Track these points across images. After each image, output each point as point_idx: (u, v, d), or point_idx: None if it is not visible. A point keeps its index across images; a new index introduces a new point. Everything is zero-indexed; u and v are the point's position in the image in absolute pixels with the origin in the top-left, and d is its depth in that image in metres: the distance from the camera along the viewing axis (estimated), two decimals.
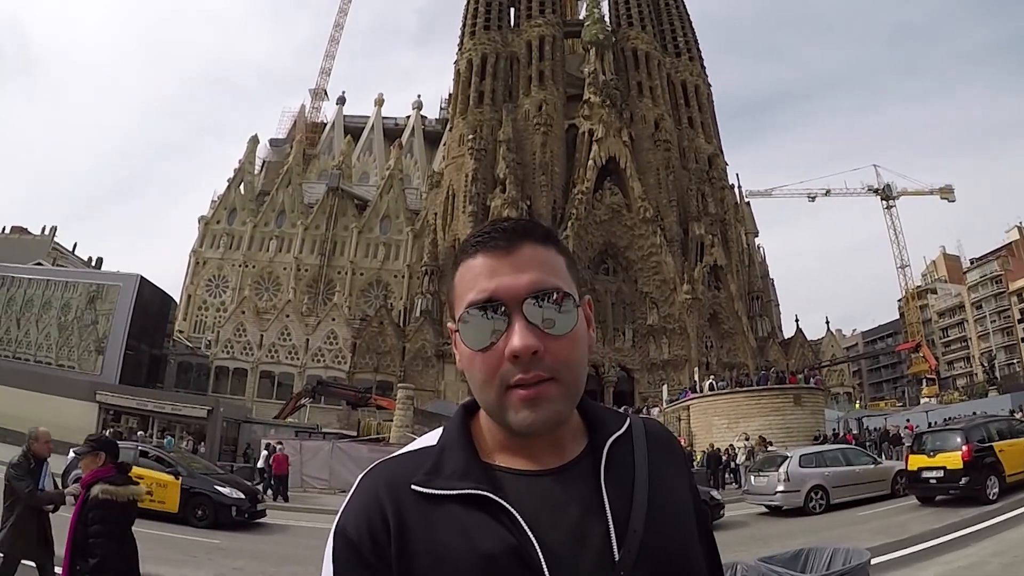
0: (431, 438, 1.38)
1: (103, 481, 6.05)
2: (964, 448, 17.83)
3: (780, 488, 20.52)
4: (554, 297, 1.25)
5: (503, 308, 1.24)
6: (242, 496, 18.26)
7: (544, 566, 1.17)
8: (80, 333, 55.64)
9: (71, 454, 19.74)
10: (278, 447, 29.29)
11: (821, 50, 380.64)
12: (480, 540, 1.18)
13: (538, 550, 1.18)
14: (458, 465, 1.27)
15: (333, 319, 76.14)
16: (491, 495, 1.21)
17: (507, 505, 1.21)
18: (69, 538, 5.91)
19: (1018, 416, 26.09)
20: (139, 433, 37.66)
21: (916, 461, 19.37)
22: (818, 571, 5.91)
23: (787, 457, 21.60)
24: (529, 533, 1.19)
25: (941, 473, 18.04)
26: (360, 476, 1.32)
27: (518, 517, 1.20)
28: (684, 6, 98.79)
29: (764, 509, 21.51)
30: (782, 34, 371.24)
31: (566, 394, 1.26)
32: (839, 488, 20.69)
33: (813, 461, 21.39)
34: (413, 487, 1.24)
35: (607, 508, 1.26)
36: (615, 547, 1.22)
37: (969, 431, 18.94)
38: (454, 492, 1.22)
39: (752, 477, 23.05)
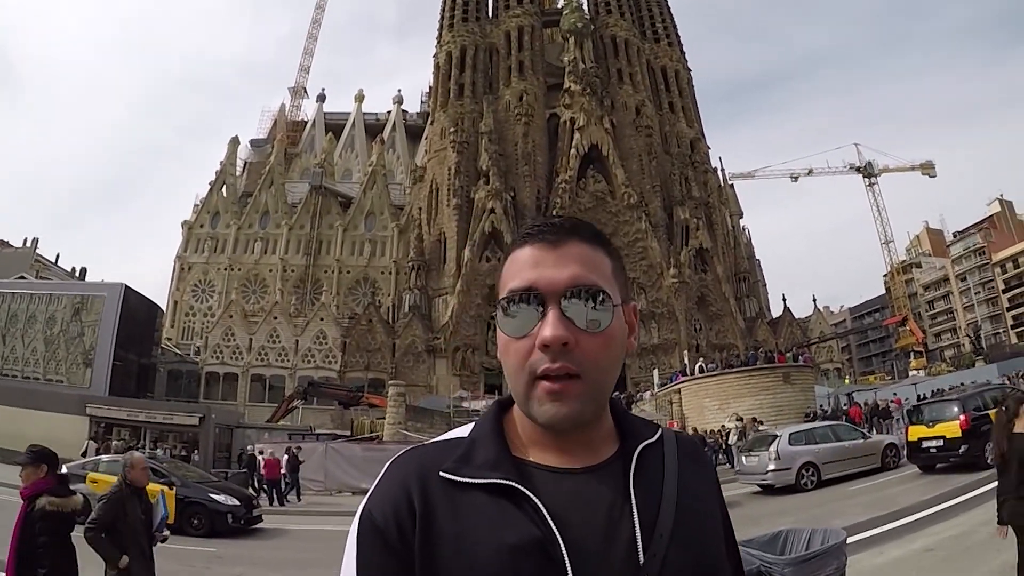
0: (462, 430, 1.40)
1: (47, 493, 6.05)
2: (962, 417, 18.44)
3: (771, 467, 20.86)
4: (592, 294, 1.27)
5: (541, 298, 1.26)
6: (237, 503, 18.16)
7: (567, 561, 1.17)
8: (67, 346, 55.24)
9: (63, 470, 19.69)
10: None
11: (802, 30, 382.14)
12: (505, 530, 1.18)
13: (562, 545, 1.18)
14: (489, 456, 1.28)
15: (322, 319, 76.06)
16: (518, 486, 1.23)
17: (534, 497, 1.22)
18: (13, 549, 5.91)
19: (1009, 384, 26.47)
20: (142, 445, 37.53)
21: (916, 432, 20.07)
22: (796, 552, 6.04)
23: (777, 436, 22.05)
24: (554, 527, 1.19)
25: (941, 442, 18.68)
26: (389, 462, 1.33)
27: (544, 511, 1.21)
28: None
29: (757, 488, 21.82)
30: (763, 15, 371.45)
31: (590, 393, 1.27)
32: (829, 464, 21.09)
33: (803, 439, 21.74)
34: (442, 474, 1.25)
35: (635, 510, 1.27)
36: (640, 550, 1.23)
37: (966, 400, 19.59)
38: (482, 481, 1.23)
39: (744, 457, 23.33)
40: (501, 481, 1.23)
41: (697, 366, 49.51)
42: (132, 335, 58.19)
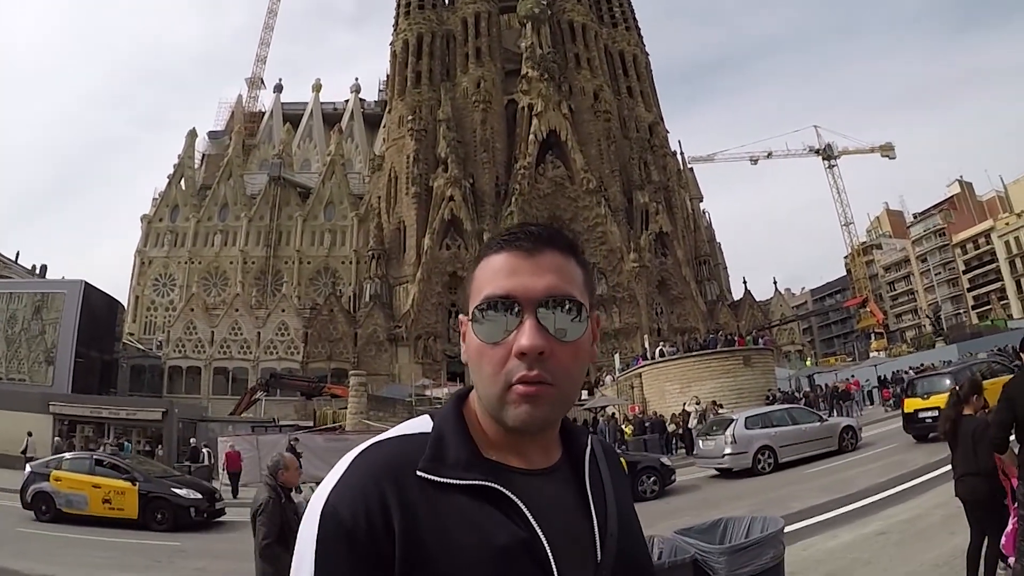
0: (420, 424, 1.40)
1: None
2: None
3: (728, 451, 21.22)
4: (567, 305, 1.30)
5: (518, 307, 1.27)
6: (200, 496, 18.33)
7: (552, 561, 1.21)
8: (28, 344, 54.89)
9: (28, 468, 19.87)
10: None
11: (759, 12, 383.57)
12: (493, 532, 1.19)
13: (546, 545, 1.22)
14: (461, 455, 1.28)
15: (283, 310, 75.96)
16: (502, 488, 1.24)
17: (516, 500, 1.24)
18: None
19: (997, 359, 27.58)
20: (106, 443, 37.45)
21: (912, 404, 21.31)
22: (736, 540, 6.21)
23: (733, 420, 22.35)
24: (537, 528, 1.22)
25: (936, 413, 19.22)
26: (351, 457, 1.29)
27: (527, 512, 1.24)
28: None
29: (715, 472, 22.24)
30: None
31: (561, 400, 1.30)
32: (786, 447, 21.45)
33: (759, 422, 22.13)
34: (419, 473, 1.24)
35: (593, 512, 1.35)
36: (599, 548, 1.31)
37: (957, 374, 20.63)
38: (463, 482, 1.24)
39: (701, 441, 23.76)
40: (484, 483, 1.25)
41: (658, 350, 49.77)
42: (93, 332, 57.91)
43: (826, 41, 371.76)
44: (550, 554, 1.21)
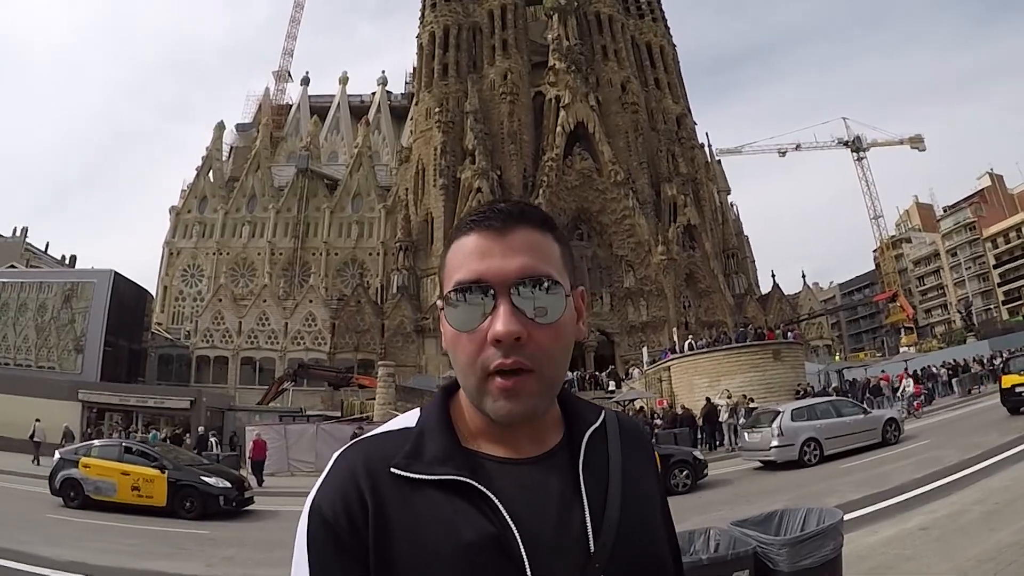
0: (410, 418, 1.38)
1: None
2: None
3: (775, 443, 21.15)
4: (543, 285, 1.24)
5: (490, 291, 1.22)
6: (229, 485, 18.29)
7: (524, 555, 1.16)
8: (58, 333, 55.39)
9: (57, 455, 19.90)
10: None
11: (788, 2, 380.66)
12: (461, 528, 1.17)
13: (519, 539, 1.17)
14: (439, 449, 1.25)
15: (310, 301, 76.01)
16: (472, 482, 1.21)
17: (488, 493, 1.20)
18: None
19: None
20: (134, 429, 37.66)
21: (1009, 380, 23.28)
22: (792, 532, 6.09)
23: (779, 412, 22.23)
24: (510, 522, 1.18)
25: None
26: (336, 454, 1.29)
27: (499, 505, 1.20)
28: None
29: (759, 464, 22.27)
30: None
31: (544, 388, 1.25)
32: (831, 439, 21.35)
33: (804, 414, 21.99)
34: (392, 470, 1.22)
35: (584, 499, 1.27)
36: (591, 538, 1.23)
37: None
38: (434, 477, 1.21)
39: (746, 433, 23.59)
40: (454, 477, 1.21)
41: (687, 343, 49.49)
42: (122, 321, 58.33)
43: (855, 30, 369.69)
44: (523, 547, 1.17)
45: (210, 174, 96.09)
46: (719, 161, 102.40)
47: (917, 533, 9.89)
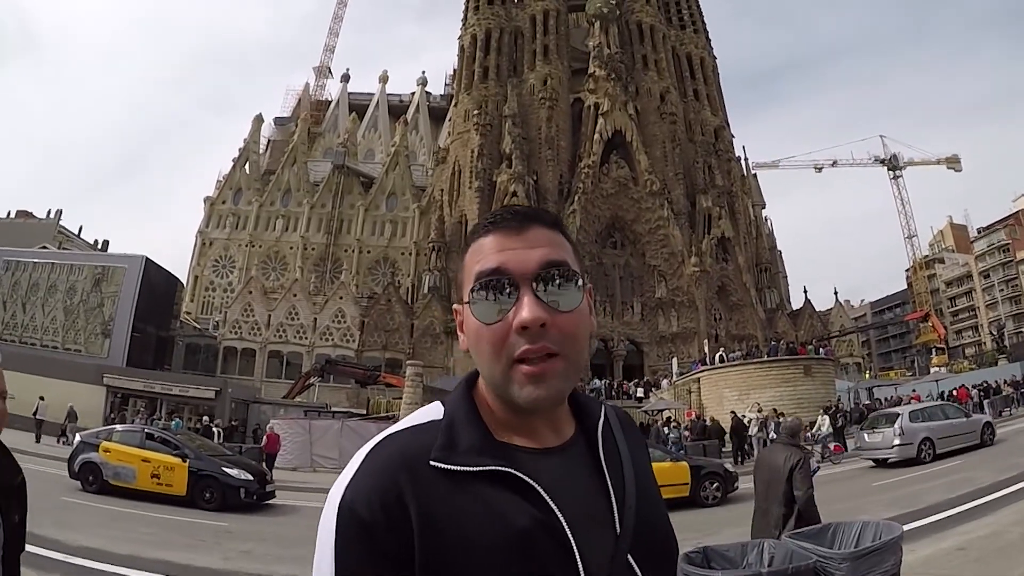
0: (434, 411, 1.38)
1: None
2: None
3: (896, 442, 22.82)
4: (563, 272, 1.29)
5: (513, 282, 1.26)
6: (251, 477, 18.04)
7: (572, 539, 1.20)
8: (86, 316, 55.60)
9: (77, 438, 19.74)
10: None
11: (827, 15, 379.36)
12: (510, 516, 1.19)
13: (564, 524, 1.21)
14: (473, 441, 1.27)
15: (340, 297, 76.01)
16: (515, 471, 1.23)
17: (531, 482, 1.23)
18: None
19: None
20: (157, 417, 37.64)
21: None
22: (847, 546, 5.80)
23: (898, 414, 24.10)
24: (554, 508, 1.22)
25: None
26: (366, 450, 1.28)
27: (543, 494, 1.23)
28: None
29: (872, 463, 24.03)
30: (790, 0, 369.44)
31: (569, 370, 1.28)
32: (943, 439, 23.12)
33: (919, 416, 23.93)
34: (432, 463, 1.23)
35: (610, 485, 1.34)
36: (617, 521, 1.30)
37: None
38: (476, 469, 1.23)
39: (865, 435, 24.98)
40: (497, 468, 1.23)
41: (718, 355, 49.23)
42: (151, 307, 58.49)
43: (894, 48, 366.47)
44: (569, 533, 1.21)
45: (246, 166, 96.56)
46: (755, 175, 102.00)
47: (955, 553, 9.81)
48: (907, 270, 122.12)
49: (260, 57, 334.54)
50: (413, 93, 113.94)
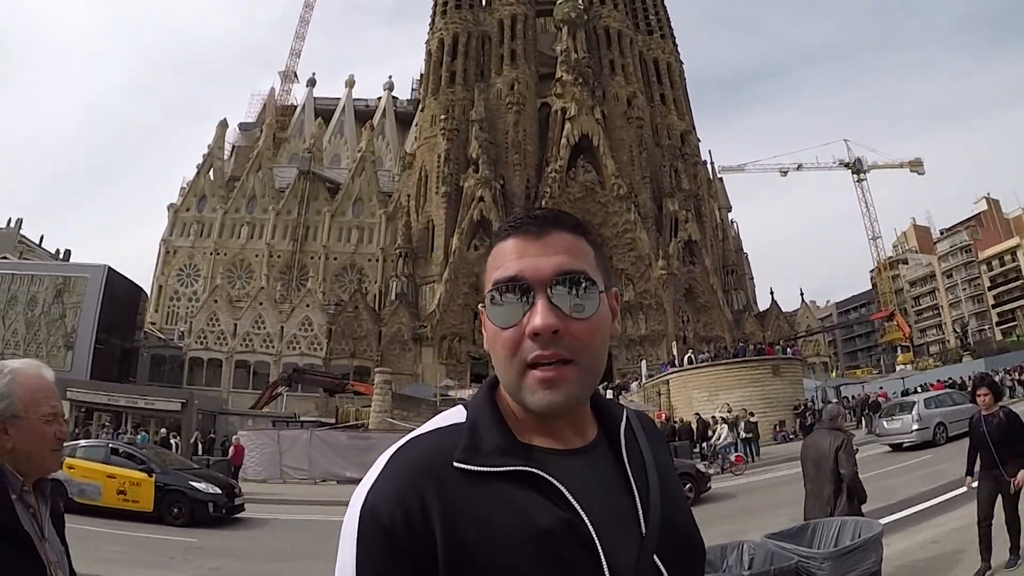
0: (457, 415, 1.38)
1: None
2: None
3: (915, 427, 24.76)
4: (578, 281, 1.28)
5: (528, 288, 1.27)
6: (219, 491, 17.58)
7: (596, 540, 1.20)
8: (48, 328, 54.49)
9: None
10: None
11: (793, 23, 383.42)
12: (535, 516, 1.18)
13: (589, 525, 1.20)
14: (497, 442, 1.27)
15: (307, 305, 75.57)
16: (539, 471, 1.23)
17: (555, 482, 1.22)
18: None
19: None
20: (123, 431, 36.97)
21: None
22: (827, 545, 5.95)
23: (914, 403, 26.18)
24: (578, 508, 1.21)
25: None
26: (388, 454, 1.28)
27: (566, 493, 1.22)
28: None
29: (888, 448, 25.51)
30: (753, 6, 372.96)
31: (583, 377, 1.28)
32: (953, 423, 24.47)
33: (932, 403, 26.15)
34: (456, 465, 1.23)
35: (634, 486, 1.33)
36: (642, 521, 1.29)
37: None
38: (500, 469, 1.23)
39: (884, 421, 26.93)
40: (521, 468, 1.23)
41: (686, 357, 49.45)
42: (115, 318, 57.51)
43: (860, 54, 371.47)
44: (593, 532, 1.20)
45: (211, 173, 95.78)
46: (721, 178, 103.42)
47: (929, 546, 10.01)
48: (872, 271, 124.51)
49: (226, 62, 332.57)
50: (380, 98, 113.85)
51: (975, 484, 8.41)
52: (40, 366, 2.45)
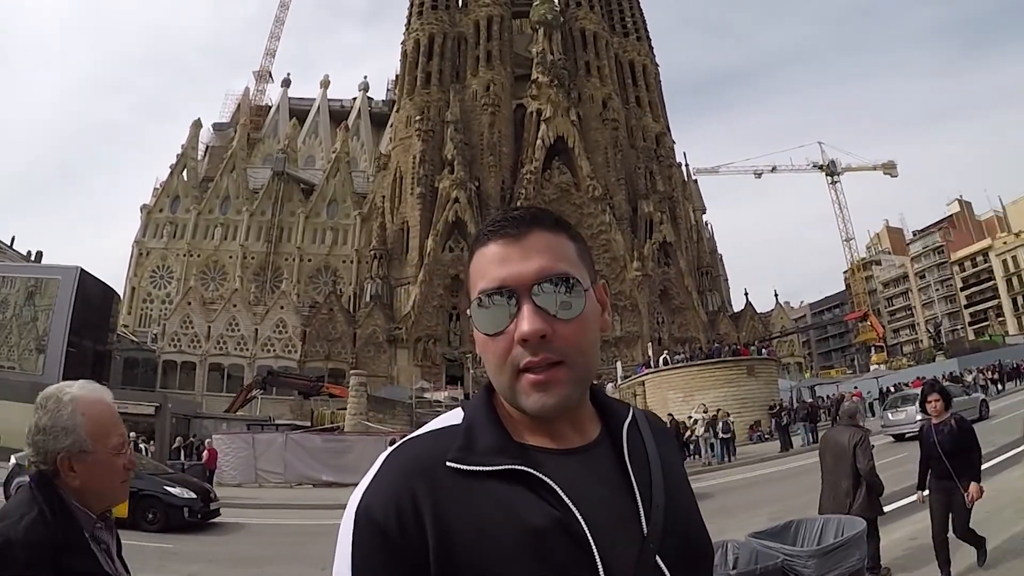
0: (454, 416, 1.38)
1: None
2: None
3: (919, 418, 23.87)
4: (562, 282, 1.28)
5: (513, 294, 1.27)
6: (194, 496, 17.38)
7: (590, 538, 1.19)
8: (19, 331, 53.74)
9: (12, 460, 18.98)
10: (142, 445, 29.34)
11: (770, 26, 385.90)
12: (527, 514, 1.19)
13: (583, 523, 1.20)
14: (491, 442, 1.28)
15: (282, 307, 75.23)
16: (531, 470, 1.23)
17: (548, 480, 1.23)
18: None
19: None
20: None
21: None
22: (810, 543, 6.01)
23: (917, 394, 25.18)
24: (572, 507, 1.21)
25: None
26: (384, 455, 1.30)
27: (559, 491, 1.22)
28: None
29: (891, 439, 26.32)
30: (730, 10, 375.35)
31: (575, 377, 1.29)
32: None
33: None
34: (449, 464, 1.24)
35: (634, 485, 1.32)
36: (643, 521, 1.28)
37: None
38: (493, 468, 1.23)
39: (889, 413, 28.01)
40: (513, 467, 1.24)
41: (661, 358, 49.50)
42: (87, 321, 56.86)
43: (835, 57, 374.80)
44: (587, 531, 1.20)
45: (184, 173, 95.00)
46: (696, 180, 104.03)
47: (905, 542, 10.11)
48: (845, 272, 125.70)
49: (201, 61, 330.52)
50: (355, 99, 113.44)
51: (927, 495, 8.34)
52: (101, 389, 2.26)
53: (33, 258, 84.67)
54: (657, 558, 1.25)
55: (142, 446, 34.02)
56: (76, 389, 2.17)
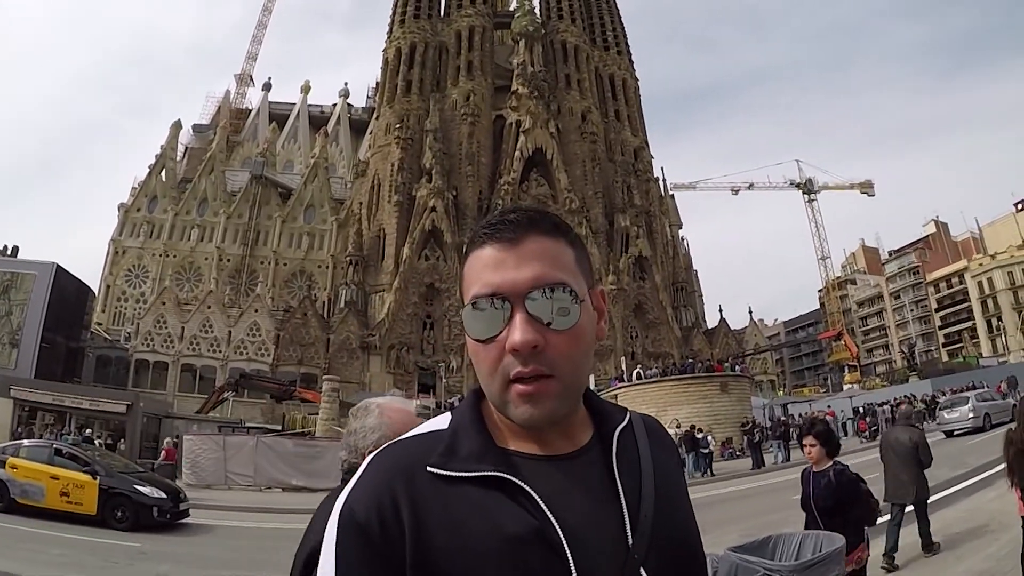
0: (441, 421, 1.38)
1: None
2: None
3: (971, 415, 30.92)
4: (556, 292, 1.24)
5: (506, 301, 1.23)
6: (164, 495, 17.45)
7: (566, 547, 1.17)
8: None
9: None
10: (97, 440, 29.53)
11: (749, 44, 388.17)
12: (503, 521, 1.17)
13: (559, 532, 1.17)
14: (474, 447, 1.27)
15: (256, 310, 75.04)
16: (510, 477, 1.22)
17: (526, 487, 1.21)
18: None
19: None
20: (67, 431, 36.51)
21: None
22: (789, 558, 5.77)
23: (968, 398, 32.95)
24: (549, 515, 1.19)
25: None
26: (370, 457, 1.30)
27: (538, 499, 1.20)
28: (614, 1, 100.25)
29: (943, 435, 30.02)
30: (709, 27, 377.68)
31: (565, 391, 1.26)
32: (995, 414, 30.96)
33: (980, 398, 32.84)
34: (429, 469, 1.23)
35: (621, 494, 1.28)
36: (629, 531, 1.25)
37: None
38: (472, 474, 1.22)
39: (944, 413, 32.81)
40: (492, 473, 1.22)
41: (635, 373, 49.67)
42: (62, 317, 56.81)
43: (814, 76, 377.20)
44: (564, 540, 1.17)
45: (163, 173, 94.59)
46: (672, 195, 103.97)
47: (880, 559, 9.89)
48: (820, 290, 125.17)
49: (183, 62, 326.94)
50: (335, 104, 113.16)
51: None
52: (404, 401, 2.67)
53: (9, 253, 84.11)
54: (642, 570, 1.23)
55: (98, 442, 34.01)
56: (381, 399, 2.63)
